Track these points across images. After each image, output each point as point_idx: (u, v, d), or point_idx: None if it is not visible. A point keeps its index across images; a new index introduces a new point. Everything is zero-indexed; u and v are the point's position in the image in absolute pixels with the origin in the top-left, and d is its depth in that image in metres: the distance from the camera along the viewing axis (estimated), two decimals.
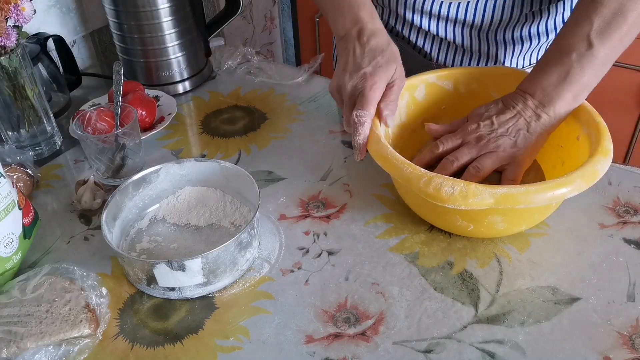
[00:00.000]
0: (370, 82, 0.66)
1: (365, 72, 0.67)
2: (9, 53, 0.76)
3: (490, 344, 0.56)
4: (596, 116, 0.65)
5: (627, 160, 1.63)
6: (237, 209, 0.71)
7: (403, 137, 0.76)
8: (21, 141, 0.84)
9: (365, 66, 0.67)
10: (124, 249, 0.68)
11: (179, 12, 0.94)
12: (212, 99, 0.99)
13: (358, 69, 0.68)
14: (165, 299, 0.62)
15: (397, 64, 0.69)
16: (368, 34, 0.70)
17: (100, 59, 1.15)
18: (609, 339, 0.56)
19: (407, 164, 0.60)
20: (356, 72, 0.68)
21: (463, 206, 0.56)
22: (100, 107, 0.80)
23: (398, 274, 0.63)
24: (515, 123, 0.66)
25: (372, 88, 0.66)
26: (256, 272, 0.65)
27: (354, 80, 0.68)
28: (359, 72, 0.68)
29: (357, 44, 0.70)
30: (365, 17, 0.71)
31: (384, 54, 0.68)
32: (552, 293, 0.60)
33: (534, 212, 0.62)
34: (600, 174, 0.58)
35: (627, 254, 0.64)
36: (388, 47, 0.69)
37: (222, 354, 0.57)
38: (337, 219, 0.71)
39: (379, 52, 0.68)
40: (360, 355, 0.56)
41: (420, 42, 0.89)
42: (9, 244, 0.63)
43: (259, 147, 0.85)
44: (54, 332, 0.56)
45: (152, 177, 0.71)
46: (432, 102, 0.77)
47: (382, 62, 0.68)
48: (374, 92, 0.66)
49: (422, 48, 0.89)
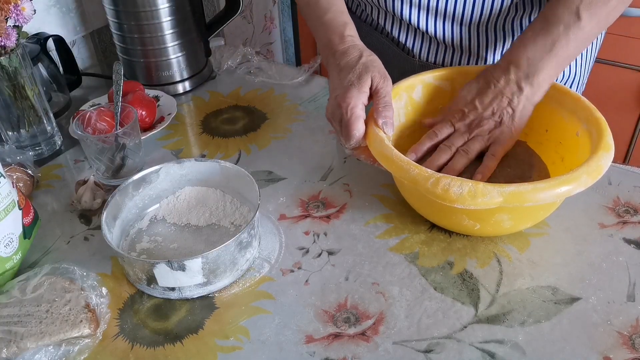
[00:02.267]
0: (343, 106, 0.66)
1: (337, 96, 0.67)
2: (9, 53, 0.76)
3: (490, 344, 0.56)
4: (596, 112, 0.65)
5: (627, 160, 1.63)
6: (237, 209, 0.71)
7: (402, 137, 0.76)
8: (21, 141, 0.84)
9: (338, 91, 0.68)
10: (124, 249, 0.68)
11: (179, 12, 0.94)
12: (212, 99, 0.99)
13: (332, 94, 0.69)
14: (165, 299, 0.62)
15: (372, 71, 0.68)
16: (339, 56, 0.70)
17: (100, 59, 1.15)
18: (609, 339, 0.56)
19: (414, 165, 0.60)
20: (333, 99, 0.68)
21: (472, 206, 0.56)
22: (100, 107, 0.80)
23: (398, 274, 0.63)
24: (498, 103, 0.68)
25: (348, 112, 0.65)
26: (256, 272, 0.65)
27: (332, 108, 0.68)
28: (334, 98, 0.68)
29: (333, 69, 0.71)
30: (335, 40, 0.72)
31: (354, 70, 0.68)
32: (552, 293, 0.60)
33: (539, 210, 0.63)
34: (604, 169, 0.59)
35: (627, 254, 0.64)
36: (358, 62, 0.69)
37: (222, 354, 0.57)
38: (337, 219, 0.71)
39: (349, 71, 0.68)
40: (360, 355, 0.56)
41: (403, 38, 0.88)
42: (9, 244, 0.63)
43: (259, 147, 0.85)
44: (54, 332, 0.56)
45: (152, 177, 0.71)
46: (430, 102, 0.77)
47: (353, 79, 0.67)
48: (350, 115, 0.65)
49: (405, 45, 0.89)
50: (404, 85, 0.74)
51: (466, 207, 0.57)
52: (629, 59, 1.48)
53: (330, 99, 0.70)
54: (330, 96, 0.71)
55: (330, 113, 0.70)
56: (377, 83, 0.67)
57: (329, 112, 0.70)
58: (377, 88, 0.67)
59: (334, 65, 0.71)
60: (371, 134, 0.66)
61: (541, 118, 0.73)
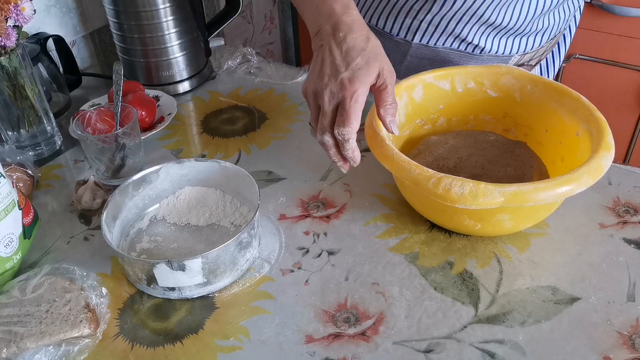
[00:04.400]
0: (350, 90, 0.60)
1: (342, 78, 0.61)
2: (9, 53, 0.76)
3: (490, 344, 0.56)
4: (596, 112, 0.65)
5: (627, 160, 1.63)
6: (237, 209, 0.71)
7: (402, 137, 0.76)
8: (21, 141, 0.84)
9: (343, 71, 0.61)
10: (124, 249, 0.68)
11: (179, 12, 0.94)
12: (212, 99, 0.99)
13: (335, 74, 0.61)
14: (165, 299, 0.62)
15: (380, 60, 0.62)
16: (344, 29, 0.63)
17: (100, 59, 1.15)
18: (609, 339, 0.56)
19: (415, 165, 0.60)
20: (334, 78, 0.61)
21: (474, 206, 0.56)
22: (100, 107, 0.80)
23: (398, 274, 0.63)
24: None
25: (353, 98, 0.60)
26: (256, 272, 0.65)
27: (332, 87, 0.61)
28: (337, 78, 0.61)
29: (332, 42, 0.63)
30: (338, 9, 0.64)
31: (363, 53, 0.61)
32: (552, 293, 0.60)
33: (540, 209, 0.63)
34: (605, 168, 0.59)
35: (627, 254, 0.64)
36: (367, 44, 0.62)
37: (222, 354, 0.57)
38: (337, 219, 0.71)
39: (358, 52, 0.61)
40: (360, 355, 0.56)
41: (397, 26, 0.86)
42: (9, 244, 0.63)
43: (259, 147, 0.85)
44: (54, 332, 0.56)
45: (152, 177, 0.71)
46: (430, 102, 0.77)
47: (361, 64, 0.61)
48: (355, 102, 0.60)
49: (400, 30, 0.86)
50: (404, 85, 0.74)
51: (467, 207, 0.57)
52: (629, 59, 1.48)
53: (313, 74, 0.64)
54: (313, 70, 0.64)
55: (314, 90, 0.63)
56: (385, 77, 0.62)
57: (310, 88, 0.64)
58: (385, 83, 0.63)
59: (336, 37, 0.63)
60: (372, 133, 0.66)
61: (541, 118, 0.73)
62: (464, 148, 0.74)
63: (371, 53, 0.62)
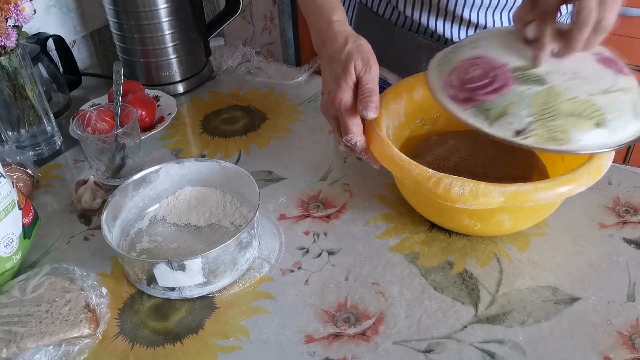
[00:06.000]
0: (336, 102, 0.64)
1: (329, 92, 0.66)
2: (9, 53, 0.76)
3: (490, 344, 0.56)
4: None
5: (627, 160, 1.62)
6: (237, 209, 0.71)
7: (402, 137, 0.76)
8: (21, 141, 0.84)
9: (330, 84, 0.66)
10: (124, 249, 0.68)
11: (179, 12, 0.94)
12: (212, 99, 0.99)
13: (325, 89, 0.68)
14: (165, 299, 0.62)
15: (355, 59, 0.64)
16: (327, 45, 0.68)
17: (100, 59, 1.15)
18: (609, 338, 0.56)
19: (415, 165, 0.60)
20: (326, 94, 0.67)
21: (474, 206, 0.56)
22: (100, 107, 0.80)
23: (398, 273, 0.63)
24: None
25: (342, 107, 0.64)
26: (256, 272, 0.65)
27: (326, 103, 0.67)
28: (327, 94, 0.67)
29: (323, 58, 0.69)
30: (322, 26, 0.69)
31: (339, 60, 0.65)
32: (552, 293, 0.60)
33: (539, 209, 0.63)
34: (605, 168, 0.59)
35: (627, 254, 0.64)
36: (343, 50, 0.66)
37: (222, 354, 0.57)
38: (337, 219, 0.71)
39: (336, 61, 0.66)
40: (360, 355, 0.56)
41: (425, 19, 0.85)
42: (9, 244, 0.63)
43: (259, 147, 0.85)
44: (54, 332, 0.56)
45: (152, 177, 0.71)
46: (430, 102, 0.76)
47: (338, 71, 0.65)
48: (345, 110, 0.64)
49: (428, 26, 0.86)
50: (404, 85, 0.74)
51: (467, 207, 0.57)
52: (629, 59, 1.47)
53: (323, 94, 0.69)
54: (322, 90, 0.69)
55: (324, 108, 0.68)
56: (358, 72, 0.65)
57: (323, 107, 0.69)
58: (359, 77, 0.65)
59: (324, 55, 0.68)
60: (371, 133, 0.66)
61: None
62: (464, 148, 0.74)
63: (346, 57, 0.65)
